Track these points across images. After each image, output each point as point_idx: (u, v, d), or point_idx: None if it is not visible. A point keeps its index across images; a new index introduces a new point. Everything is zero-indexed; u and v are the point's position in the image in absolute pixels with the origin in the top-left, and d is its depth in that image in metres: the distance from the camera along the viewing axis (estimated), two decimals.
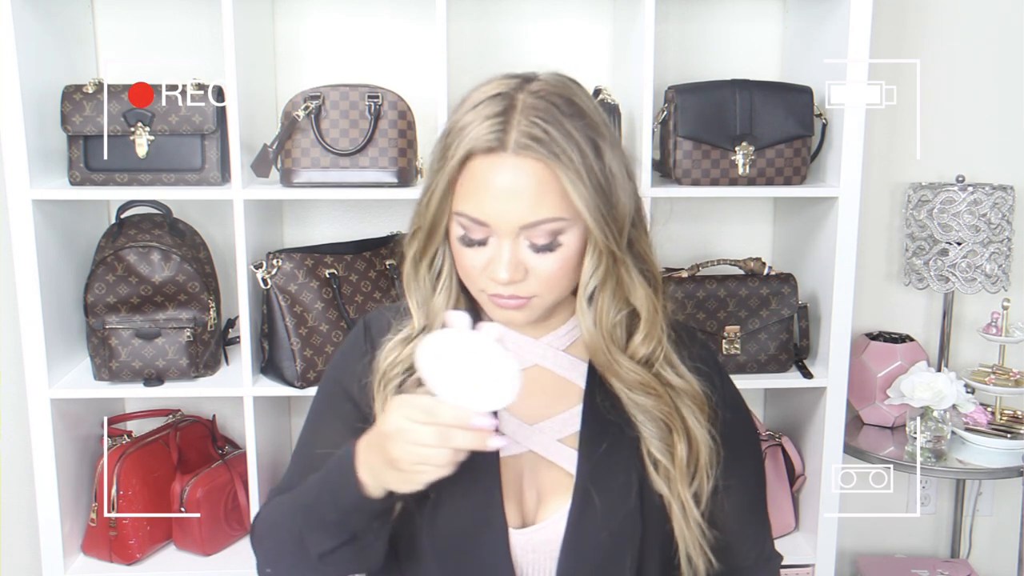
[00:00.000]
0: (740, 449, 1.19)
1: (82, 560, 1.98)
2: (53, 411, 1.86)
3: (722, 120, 1.88)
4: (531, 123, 0.99)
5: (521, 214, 0.99)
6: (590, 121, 1.02)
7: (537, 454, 1.11)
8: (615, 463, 1.10)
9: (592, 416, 1.11)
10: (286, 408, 2.18)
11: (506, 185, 0.99)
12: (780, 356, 1.98)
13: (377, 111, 1.82)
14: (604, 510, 1.08)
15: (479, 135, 0.99)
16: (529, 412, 1.12)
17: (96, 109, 1.82)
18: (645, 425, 1.09)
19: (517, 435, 1.11)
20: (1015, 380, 2.13)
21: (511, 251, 1.01)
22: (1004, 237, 2.09)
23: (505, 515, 1.08)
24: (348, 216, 2.15)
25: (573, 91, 1.04)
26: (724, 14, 2.14)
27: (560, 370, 1.14)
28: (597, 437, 1.10)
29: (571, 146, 0.99)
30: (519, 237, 1.01)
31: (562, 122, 0.99)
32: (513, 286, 1.03)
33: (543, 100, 1.01)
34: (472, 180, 1.01)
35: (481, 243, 1.03)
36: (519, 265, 1.02)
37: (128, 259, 1.86)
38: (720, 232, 2.22)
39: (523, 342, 1.13)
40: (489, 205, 1.00)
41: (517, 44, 2.11)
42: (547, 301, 1.06)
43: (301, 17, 2.08)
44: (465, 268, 1.06)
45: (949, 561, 2.32)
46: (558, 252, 1.02)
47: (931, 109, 2.20)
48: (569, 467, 1.10)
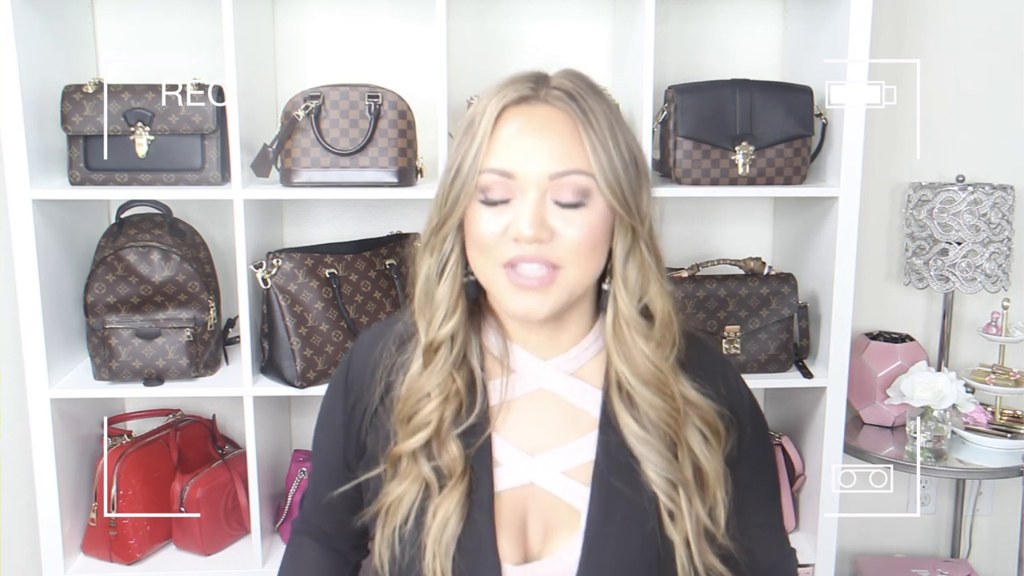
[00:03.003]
0: (758, 462, 1.16)
1: (82, 560, 1.98)
2: (53, 411, 1.86)
3: (722, 120, 1.88)
4: (562, 82, 1.02)
5: (550, 162, 0.98)
6: (614, 109, 1.04)
7: (541, 488, 1.06)
8: (630, 503, 1.04)
9: (608, 451, 1.05)
10: (286, 408, 2.18)
11: (536, 129, 0.99)
12: (780, 356, 1.98)
13: (377, 111, 1.82)
14: (617, 551, 1.03)
15: (512, 89, 1.02)
16: (533, 440, 1.07)
17: (96, 109, 1.82)
18: (648, 444, 1.04)
19: (518, 465, 1.07)
20: (1015, 380, 2.13)
21: (537, 204, 0.98)
22: (1004, 237, 2.09)
23: (498, 551, 1.03)
24: (348, 216, 2.15)
25: (596, 84, 1.06)
26: (724, 14, 2.14)
27: (570, 396, 1.08)
28: (612, 474, 1.04)
29: (600, 114, 1.00)
30: (545, 194, 0.98)
31: (590, 94, 1.02)
32: (537, 246, 0.98)
33: (572, 75, 1.04)
34: (501, 133, 1.00)
35: (504, 202, 0.99)
36: (544, 223, 0.98)
37: (128, 259, 1.86)
38: (720, 232, 2.22)
39: (530, 363, 1.08)
40: (518, 152, 0.98)
41: (517, 44, 2.11)
42: (571, 279, 1.00)
43: (301, 17, 2.09)
44: (483, 237, 1.00)
45: (949, 561, 2.33)
46: (584, 215, 0.99)
47: (931, 109, 2.20)
48: (575, 501, 1.05)
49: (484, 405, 1.07)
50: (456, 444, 1.05)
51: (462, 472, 1.04)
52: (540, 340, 1.08)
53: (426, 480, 1.05)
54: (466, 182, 1.00)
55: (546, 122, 0.99)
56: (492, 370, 1.09)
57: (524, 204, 0.98)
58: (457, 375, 1.06)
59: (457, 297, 1.05)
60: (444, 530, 1.02)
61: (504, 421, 1.08)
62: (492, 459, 1.06)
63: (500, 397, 1.08)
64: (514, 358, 1.09)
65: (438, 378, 1.05)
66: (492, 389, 1.08)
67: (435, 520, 1.03)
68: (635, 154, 1.02)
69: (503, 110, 1.01)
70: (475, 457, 1.06)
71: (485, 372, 1.08)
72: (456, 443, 1.05)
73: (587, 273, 1.02)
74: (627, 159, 1.01)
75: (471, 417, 1.06)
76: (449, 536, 1.02)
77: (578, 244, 0.99)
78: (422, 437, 1.05)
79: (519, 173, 0.98)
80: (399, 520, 1.05)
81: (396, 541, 1.05)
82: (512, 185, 0.99)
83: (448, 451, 1.04)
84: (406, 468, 1.06)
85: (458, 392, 1.06)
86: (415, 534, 1.04)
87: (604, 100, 1.03)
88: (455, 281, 1.05)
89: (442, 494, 1.03)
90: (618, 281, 1.04)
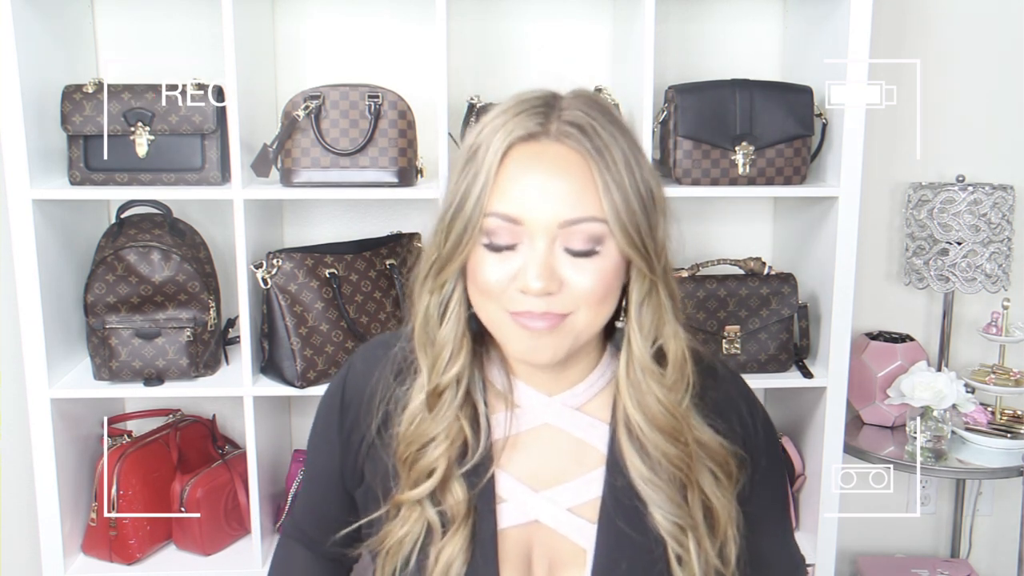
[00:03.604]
0: (773, 488, 1.14)
1: (82, 560, 1.98)
2: (53, 411, 1.86)
3: (722, 120, 1.88)
4: (575, 115, 0.94)
5: (561, 208, 0.91)
6: (628, 134, 0.96)
7: (546, 525, 1.03)
8: (638, 546, 1.01)
9: (614, 493, 1.02)
10: (286, 408, 2.18)
11: (546, 171, 0.91)
12: (780, 356, 1.98)
13: (377, 111, 1.82)
14: None
15: (519, 124, 0.93)
16: (537, 477, 1.04)
17: (96, 109, 1.82)
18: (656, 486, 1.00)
19: (523, 502, 1.03)
20: (1015, 380, 2.13)
21: (545, 254, 0.91)
22: (1004, 237, 2.09)
23: None
24: (348, 216, 2.15)
25: (609, 106, 0.99)
26: (724, 14, 2.14)
27: (577, 431, 1.04)
28: (620, 516, 1.01)
29: (616, 150, 0.93)
30: (555, 242, 0.92)
31: (604, 123, 0.94)
32: (547, 299, 0.92)
33: (583, 102, 0.96)
34: (507, 174, 0.92)
35: (509, 248, 0.92)
36: (553, 274, 0.91)
37: (128, 259, 1.86)
38: (720, 232, 2.22)
39: (535, 399, 1.04)
40: (526, 196, 0.91)
41: (517, 44, 2.11)
42: (581, 324, 0.95)
43: (301, 17, 2.08)
44: (487, 284, 0.94)
45: (949, 561, 2.33)
46: (596, 263, 0.93)
47: (931, 109, 2.20)
48: (580, 540, 1.02)
49: (488, 442, 1.03)
50: (461, 486, 1.01)
51: (466, 515, 1.01)
52: (546, 377, 1.04)
53: (429, 521, 1.01)
54: (468, 223, 0.93)
55: (556, 163, 0.92)
56: (495, 404, 1.05)
57: (532, 253, 0.91)
58: (461, 414, 1.01)
59: (461, 337, 1.00)
60: (447, 573, 0.99)
61: (508, 457, 1.04)
62: (496, 496, 1.03)
63: (504, 432, 1.04)
64: (518, 393, 1.04)
65: (443, 422, 1.01)
66: (495, 424, 1.04)
67: (438, 564, 1.00)
68: (652, 188, 0.96)
69: (510, 148, 0.93)
70: (479, 496, 1.02)
71: (488, 407, 1.04)
72: (461, 485, 1.01)
73: (598, 318, 0.96)
74: (644, 196, 0.94)
75: (475, 456, 1.02)
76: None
77: (590, 293, 0.93)
78: (430, 485, 1.00)
79: (527, 219, 0.91)
80: (400, 561, 1.02)
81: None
82: (519, 231, 0.92)
83: (453, 494, 1.01)
84: (407, 511, 1.02)
85: (462, 430, 1.01)
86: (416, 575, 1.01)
87: (619, 128, 0.95)
88: (459, 322, 1.00)
89: (445, 538, 1.00)
90: (633, 324, 0.98)
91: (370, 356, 1.10)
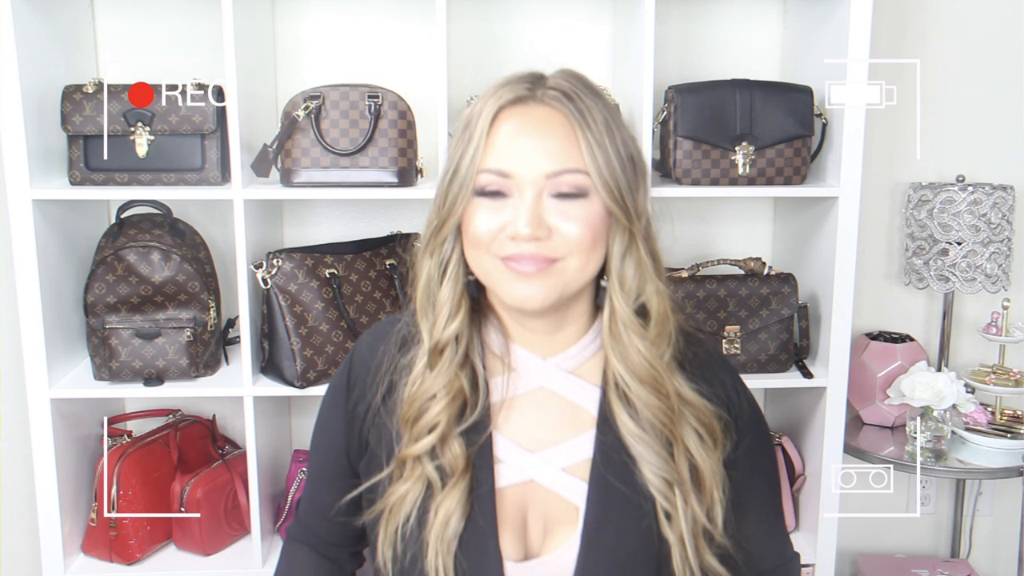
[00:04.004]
0: (761, 467, 1.17)
1: (82, 560, 1.98)
2: (53, 411, 1.86)
3: (722, 120, 1.88)
4: (559, 83, 1.03)
5: (547, 161, 0.99)
6: (610, 107, 1.04)
7: (541, 484, 1.07)
8: (627, 500, 1.05)
9: (604, 449, 1.06)
10: (286, 408, 2.18)
11: (533, 129, 1.00)
12: (780, 356, 1.98)
13: (377, 111, 1.82)
14: (615, 548, 1.04)
15: (508, 90, 1.03)
16: (533, 438, 1.08)
17: (96, 109, 1.82)
18: (645, 442, 1.04)
19: (518, 463, 1.07)
20: (1015, 380, 2.13)
21: (533, 203, 0.99)
22: (1004, 237, 2.09)
23: (499, 547, 1.04)
24: (348, 216, 2.15)
25: (593, 83, 1.07)
26: (724, 14, 2.14)
27: (569, 394, 1.09)
28: (610, 471, 1.06)
29: (597, 113, 1.01)
30: (542, 193, 0.99)
31: (587, 95, 1.02)
32: (536, 244, 0.99)
33: (568, 75, 1.05)
34: (497, 134, 1.01)
35: (501, 195, 1.00)
36: (541, 221, 0.99)
37: (128, 259, 1.86)
38: (720, 232, 2.22)
39: (531, 362, 1.09)
40: (515, 152, 0.99)
41: (517, 44, 2.11)
42: (571, 270, 1.01)
43: (301, 17, 2.09)
44: (479, 234, 1.01)
45: (949, 561, 2.33)
46: (582, 210, 1.00)
47: (931, 109, 2.20)
48: (573, 498, 1.06)
49: (485, 403, 1.08)
50: (459, 443, 1.06)
51: (464, 469, 1.05)
52: (540, 339, 1.09)
53: (429, 479, 1.05)
54: (464, 182, 1.01)
55: (542, 122, 1.00)
56: (493, 368, 1.10)
57: (521, 202, 0.99)
58: (461, 373, 1.07)
59: (460, 297, 1.06)
60: (446, 527, 1.03)
61: (505, 419, 1.09)
62: (493, 456, 1.07)
63: (501, 395, 1.09)
64: (515, 356, 1.10)
65: (444, 379, 1.06)
66: (493, 387, 1.09)
67: (437, 517, 1.03)
68: (632, 153, 1.03)
69: (499, 111, 1.02)
70: (476, 455, 1.07)
71: (487, 370, 1.09)
72: (459, 442, 1.06)
73: (586, 266, 1.02)
74: (624, 158, 1.02)
75: (474, 415, 1.07)
76: (451, 533, 1.03)
77: (577, 240, 1.00)
78: (431, 440, 1.05)
79: (516, 173, 0.99)
80: (401, 519, 1.06)
81: (398, 540, 1.05)
82: (509, 184, 1.00)
83: (451, 450, 1.05)
84: (410, 469, 1.07)
85: (462, 390, 1.07)
86: (417, 532, 1.04)
87: (601, 100, 1.03)
88: (457, 282, 1.06)
89: (444, 491, 1.04)
90: (614, 280, 1.04)
91: (376, 333, 1.17)
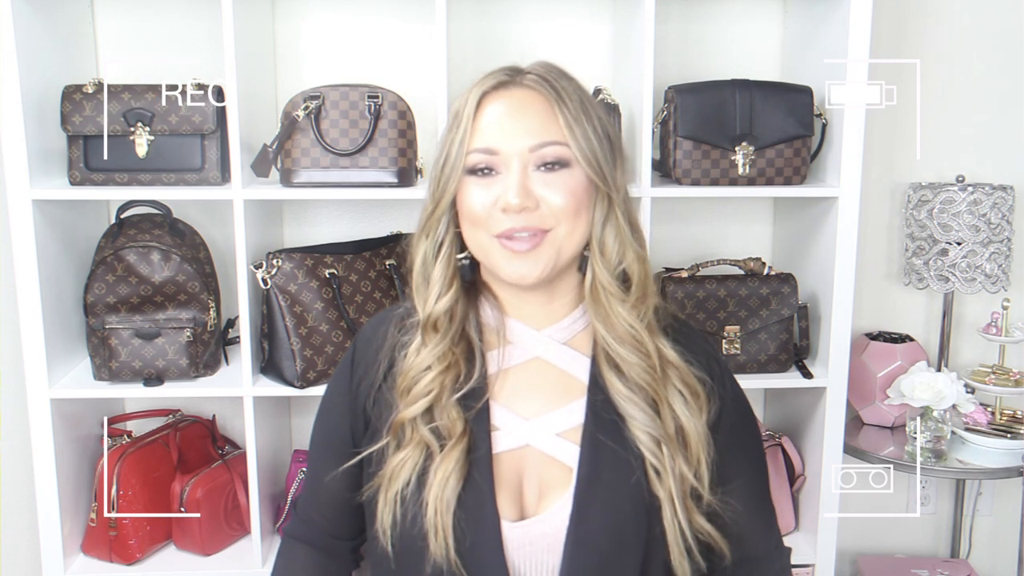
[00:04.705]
0: (745, 445, 1.21)
1: (82, 560, 1.98)
2: (53, 411, 1.86)
3: (722, 120, 1.88)
4: (536, 68, 1.12)
5: (529, 137, 1.07)
6: (584, 92, 1.13)
7: (536, 448, 1.12)
8: (617, 457, 1.10)
9: (595, 410, 1.12)
10: (286, 408, 2.18)
11: (515, 109, 1.08)
12: (780, 356, 1.98)
13: (377, 111, 1.82)
14: (606, 504, 1.09)
15: (490, 79, 1.11)
16: (528, 406, 1.14)
17: (96, 109, 1.82)
18: (633, 402, 1.10)
19: (514, 429, 1.13)
20: (1015, 380, 2.13)
21: (520, 176, 1.06)
22: (1004, 237, 2.09)
23: (497, 509, 1.09)
24: (348, 216, 2.15)
25: (568, 72, 1.15)
26: (724, 14, 2.14)
27: (562, 363, 1.15)
28: (600, 430, 1.11)
29: (573, 93, 1.10)
30: (528, 166, 1.07)
31: (562, 78, 1.12)
32: (525, 216, 1.06)
33: (546, 65, 1.14)
34: (482, 117, 1.09)
35: (490, 172, 1.08)
36: (529, 192, 1.06)
37: (128, 259, 1.86)
38: (720, 232, 2.22)
39: (525, 334, 1.15)
40: (500, 131, 1.08)
41: (517, 44, 2.11)
42: (560, 238, 1.08)
43: (301, 17, 2.09)
44: (473, 210, 1.09)
45: (949, 561, 2.33)
46: (565, 180, 1.07)
47: (931, 109, 2.20)
48: (568, 461, 1.11)
49: (483, 372, 1.14)
50: (455, 407, 1.12)
51: (461, 432, 1.10)
52: (534, 312, 1.15)
53: (427, 444, 1.10)
54: (455, 164, 1.09)
55: (523, 102, 1.09)
56: (490, 342, 1.17)
57: (509, 176, 1.07)
58: (456, 347, 1.14)
59: (452, 276, 1.14)
60: (445, 487, 1.07)
61: (501, 389, 1.15)
62: (490, 424, 1.13)
63: (497, 366, 1.15)
64: (510, 329, 1.16)
65: (438, 351, 1.13)
66: (490, 359, 1.16)
67: (436, 477, 1.08)
68: (608, 132, 1.11)
69: (483, 96, 1.10)
70: (474, 420, 1.12)
71: (484, 344, 1.16)
72: (455, 406, 1.12)
73: (574, 232, 1.09)
74: (601, 134, 1.10)
75: (470, 383, 1.13)
76: (450, 493, 1.07)
77: (563, 207, 1.07)
78: (423, 404, 1.11)
79: (502, 149, 1.07)
80: (401, 483, 1.10)
81: (398, 504, 1.10)
82: (496, 161, 1.08)
83: (448, 414, 1.11)
84: (408, 436, 1.11)
85: (457, 362, 1.13)
86: (417, 493, 1.09)
87: (576, 83, 1.12)
88: (449, 261, 1.13)
89: (442, 453, 1.10)
90: (595, 247, 1.11)
91: (379, 317, 1.25)
